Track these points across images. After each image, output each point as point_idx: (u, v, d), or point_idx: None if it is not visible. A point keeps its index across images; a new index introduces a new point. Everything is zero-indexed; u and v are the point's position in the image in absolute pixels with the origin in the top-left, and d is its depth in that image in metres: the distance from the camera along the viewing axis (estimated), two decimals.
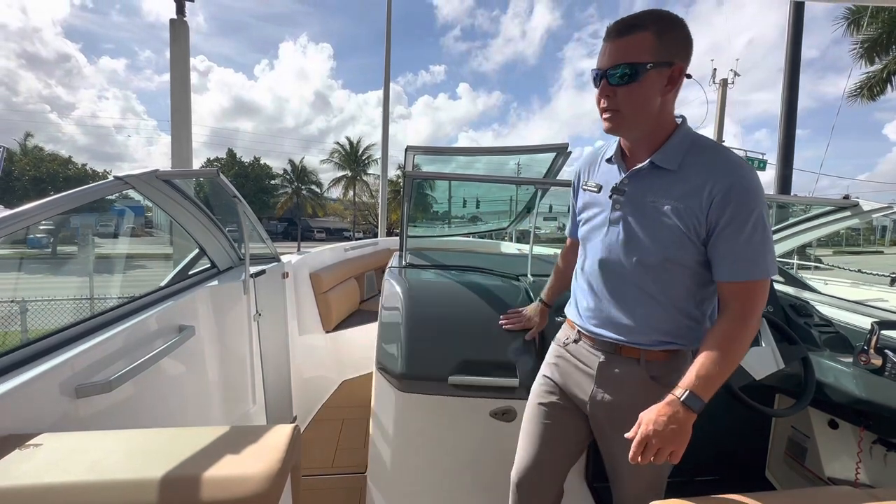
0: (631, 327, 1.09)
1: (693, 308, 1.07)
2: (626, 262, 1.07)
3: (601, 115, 1.04)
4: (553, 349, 1.30)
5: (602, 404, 1.13)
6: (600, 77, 1.00)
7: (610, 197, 1.10)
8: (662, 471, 1.18)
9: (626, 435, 0.97)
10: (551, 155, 3.19)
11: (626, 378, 1.11)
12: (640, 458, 0.94)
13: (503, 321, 1.55)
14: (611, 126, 1.03)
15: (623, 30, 0.97)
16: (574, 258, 1.33)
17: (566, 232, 1.43)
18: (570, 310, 1.26)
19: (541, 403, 1.26)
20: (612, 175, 1.12)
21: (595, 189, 1.16)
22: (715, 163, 0.99)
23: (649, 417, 0.95)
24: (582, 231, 1.21)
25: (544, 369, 1.30)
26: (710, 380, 0.95)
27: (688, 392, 0.94)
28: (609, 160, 1.15)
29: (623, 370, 1.11)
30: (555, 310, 1.53)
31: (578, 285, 1.22)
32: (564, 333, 1.27)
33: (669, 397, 0.97)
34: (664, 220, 1.01)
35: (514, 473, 1.30)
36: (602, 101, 1.02)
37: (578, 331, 1.20)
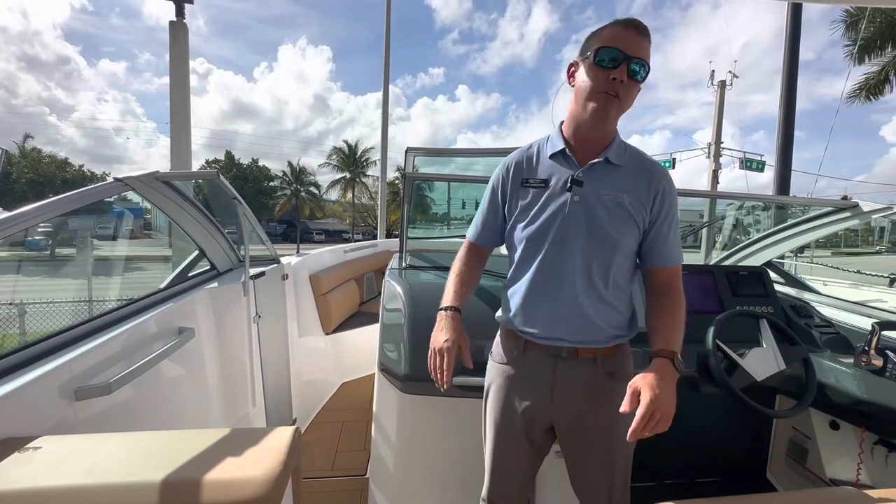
0: (588, 326, 1.08)
1: (630, 298, 1.15)
2: (583, 254, 1.06)
3: (598, 95, 1.01)
4: (495, 369, 1.20)
5: (567, 412, 1.11)
6: (622, 61, 0.98)
7: (568, 189, 1.07)
8: (628, 466, 1.17)
9: (623, 409, 0.92)
10: None
11: (586, 380, 1.10)
12: (641, 431, 0.89)
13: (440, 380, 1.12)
14: (606, 110, 1.02)
15: (644, 30, 1.01)
16: (481, 267, 1.27)
17: (470, 237, 1.27)
18: (510, 318, 1.15)
19: (500, 433, 1.18)
20: (560, 170, 1.10)
21: (541, 185, 1.11)
22: (648, 164, 1.12)
23: (650, 384, 0.92)
24: (524, 232, 1.12)
25: (493, 395, 1.20)
26: (679, 344, 1.03)
27: (676, 354, 0.99)
28: (553, 156, 1.12)
29: (582, 373, 1.10)
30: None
31: (524, 289, 1.12)
32: (506, 347, 1.18)
33: (661, 362, 0.97)
34: (620, 212, 1.07)
35: (487, 496, 1.25)
36: (610, 83, 1.00)
37: (526, 341, 1.13)
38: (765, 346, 1.50)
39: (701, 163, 17.51)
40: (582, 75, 1.04)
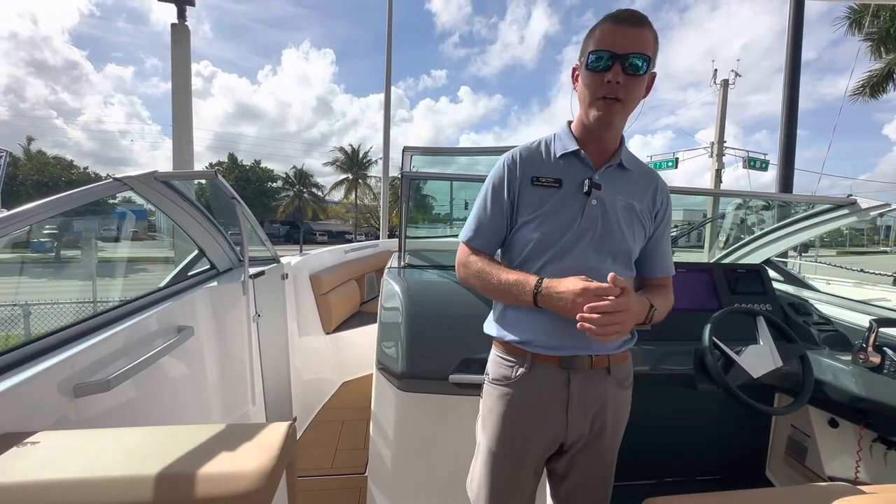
0: None
1: None
2: (598, 260, 1.02)
3: (598, 102, 0.96)
4: (495, 393, 1.07)
5: (580, 428, 1.04)
6: (613, 61, 0.92)
7: (586, 193, 1.01)
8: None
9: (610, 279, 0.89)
10: None
11: (600, 391, 1.04)
12: (601, 324, 0.86)
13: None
14: (608, 115, 0.96)
15: (637, 20, 0.94)
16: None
17: (468, 240, 1.12)
18: (511, 331, 1.05)
19: (508, 464, 1.06)
20: (575, 171, 1.04)
21: (554, 184, 1.03)
22: (650, 171, 1.11)
23: (635, 296, 0.94)
24: (534, 233, 1.03)
25: (495, 423, 1.06)
26: (660, 314, 1.05)
27: (655, 310, 1.02)
28: (564, 156, 1.05)
29: (596, 384, 1.03)
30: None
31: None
32: (506, 365, 1.05)
33: (646, 301, 1.00)
34: (633, 218, 1.05)
35: None
36: (606, 86, 0.94)
37: (533, 355, 1.02)
38: (762, 343, 1.50)
39: (703, 162, 17.45)
40: (582, 80, 1.00)
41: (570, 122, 1.10)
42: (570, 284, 0.91)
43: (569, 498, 1.12)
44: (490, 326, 1.12)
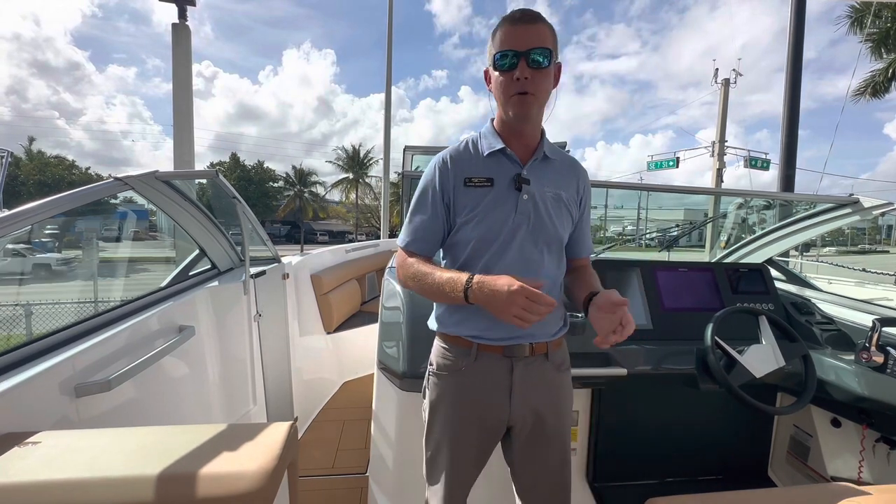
0: (541, 322, 1.03)
1: (562, 288, 1.18)
2: (535, 252, 1.07)
3: (512, 97, 1.01)
4: (442, 383, 1.12)
5: (525, 412, 1.09)
6: (517, 58, 0.98)
7: (517, 188, 1.05)
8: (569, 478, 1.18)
9: (619, 300, 0.97)
10: None
11: (540, 376, 1.10)
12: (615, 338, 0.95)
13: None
14: (524, 109, 1.02)
15: (531, 18, 1.00)
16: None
17: (406, 246, 1.13)
18: (456, 325, 1.10)
19: (459, 449, 1.11)
20: (504, 168, 1.08)
21: (487, 183, 1.06)
22: (571, 160, 1.18)
23: (619, 296, 0.99)
24: (474, 232, 1.06)
25: (443, 412, 1.11)
26: None
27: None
28: (491, 155, 1.09)
29: (536, 369, 1.10)
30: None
31: None
32: (453, 356, 1.10)
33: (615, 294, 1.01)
34: (562, 207, 1.11)
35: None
36: (516, 83, 0.99)
37: (477, 346, 1.07)
38: (764, 342, 1.50)
39: (704, 161, 17.44)
40: (493, 81, 1.05)
41: (492, 121, 1.15)
42: (505, 280, 0.92)
43: (531, 488, 1.16)
44: (434, 322, 1.17)
